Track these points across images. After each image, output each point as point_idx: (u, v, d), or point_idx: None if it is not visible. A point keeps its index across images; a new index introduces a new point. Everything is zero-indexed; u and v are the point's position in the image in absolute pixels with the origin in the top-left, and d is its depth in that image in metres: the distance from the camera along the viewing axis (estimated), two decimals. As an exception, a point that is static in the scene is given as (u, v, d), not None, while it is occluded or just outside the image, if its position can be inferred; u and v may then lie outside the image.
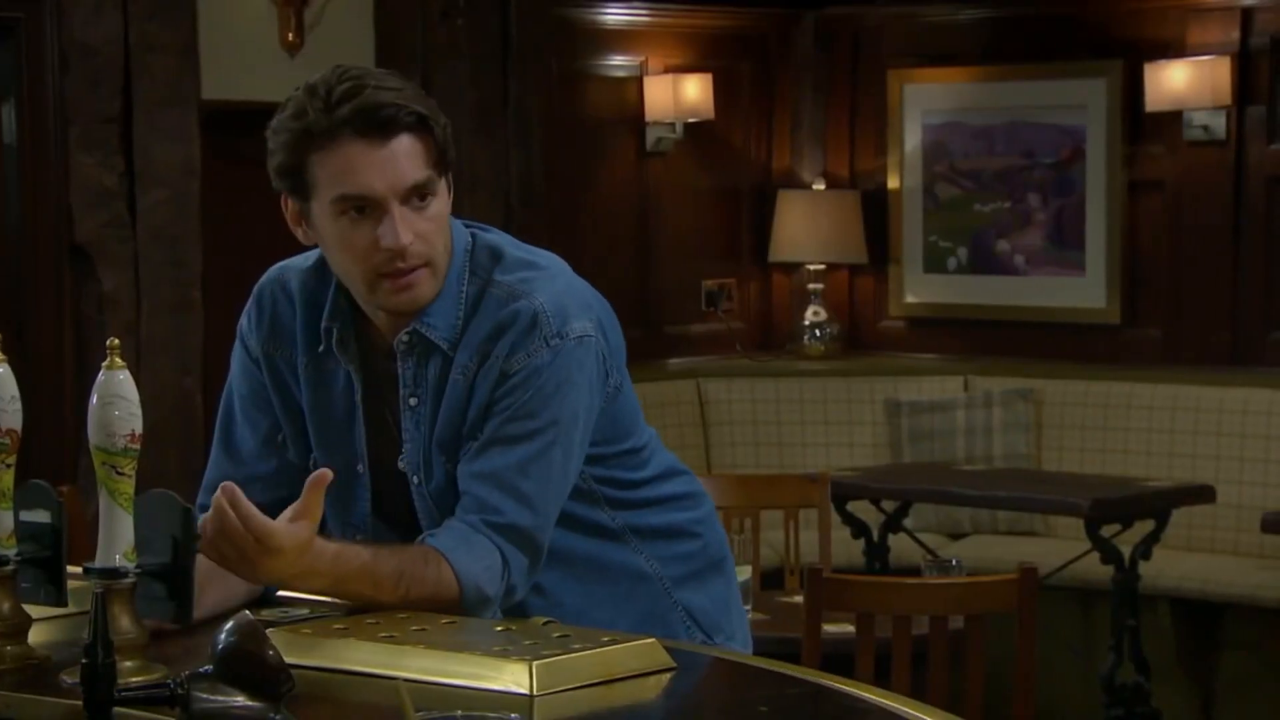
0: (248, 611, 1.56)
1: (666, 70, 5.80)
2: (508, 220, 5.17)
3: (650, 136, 5.82)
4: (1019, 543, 5.29)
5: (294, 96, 1.94)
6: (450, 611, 1.87)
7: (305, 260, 2.08)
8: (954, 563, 3.55)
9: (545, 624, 1.81)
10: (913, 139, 5.91)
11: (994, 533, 5.44)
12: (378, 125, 1.87)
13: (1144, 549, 4.59)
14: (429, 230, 1.92)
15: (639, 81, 5.80)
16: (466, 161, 5.15)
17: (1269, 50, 5.30)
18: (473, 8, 5.11)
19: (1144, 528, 4.60)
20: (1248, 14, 5.34)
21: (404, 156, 1.89)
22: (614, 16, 5.78)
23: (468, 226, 2.03)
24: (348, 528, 2.04)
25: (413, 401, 1.98)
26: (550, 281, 1.98)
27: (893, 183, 5.95)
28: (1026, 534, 5.42)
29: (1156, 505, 4.64)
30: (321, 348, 2.03)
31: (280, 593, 2.01)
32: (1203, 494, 4.74)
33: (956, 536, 5.45)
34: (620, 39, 5.79)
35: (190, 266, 4.75)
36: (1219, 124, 5.34)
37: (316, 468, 2.03)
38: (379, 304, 1.96)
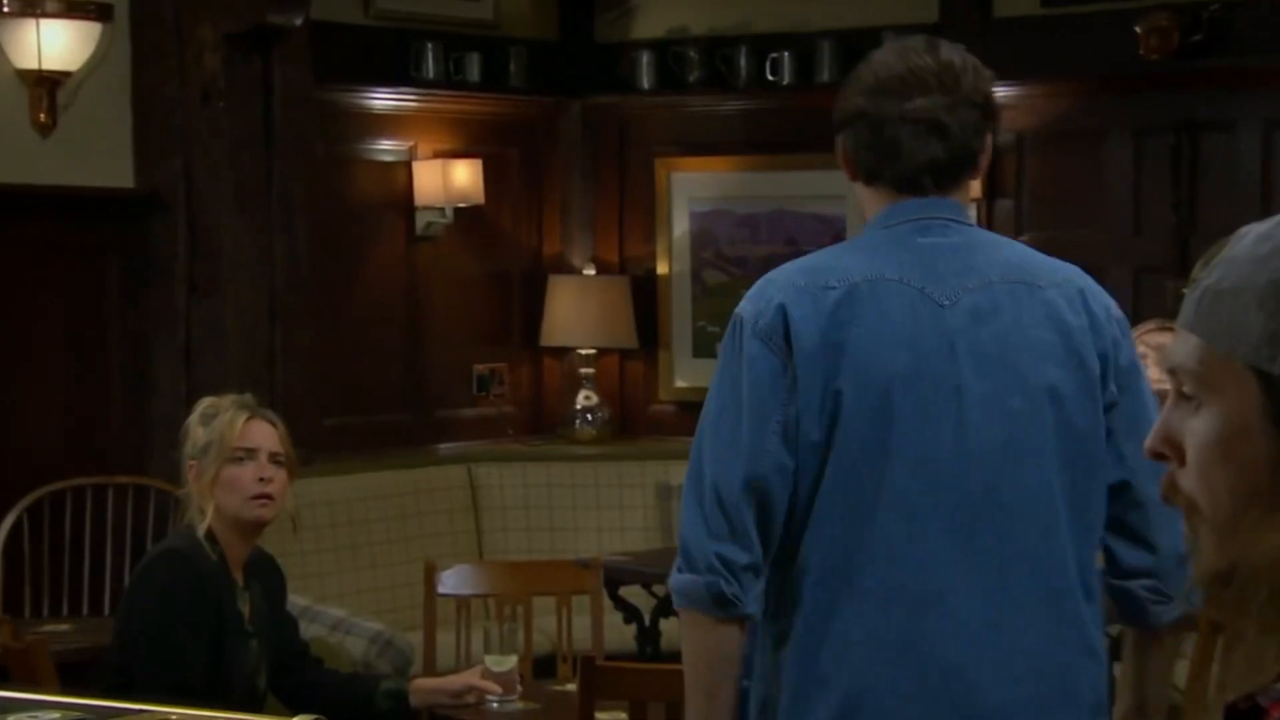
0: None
1: (436, 155, 5.78)
2: (272, 305, 5.05)
3: (420, 221, 5.78)
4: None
5: (920, 66, 2.00)
6: None
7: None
8: (726, 645, 3.55)
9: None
10: (680, 226, 5.99)
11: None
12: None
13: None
14: None
15: (408, 166, 5.76)
16: (229, 246, 5.04)
17: (1014, 146, 5.54)
18: (233, 90, 5.01)
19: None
20: (996, 108, 5.58)
21: None
22: (381, 101, 5.74)
23: None
24: None
25: None
26: None
27: (661, 268, 6.01)
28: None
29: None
30: None
31: (28, 695, 1.91)
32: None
33: (728, 619, 5.47)
34: (388, 124, 5.75)
35: (-67, 354, 4.53)
36: (969, 215, 5.55)
37: None
38: None
